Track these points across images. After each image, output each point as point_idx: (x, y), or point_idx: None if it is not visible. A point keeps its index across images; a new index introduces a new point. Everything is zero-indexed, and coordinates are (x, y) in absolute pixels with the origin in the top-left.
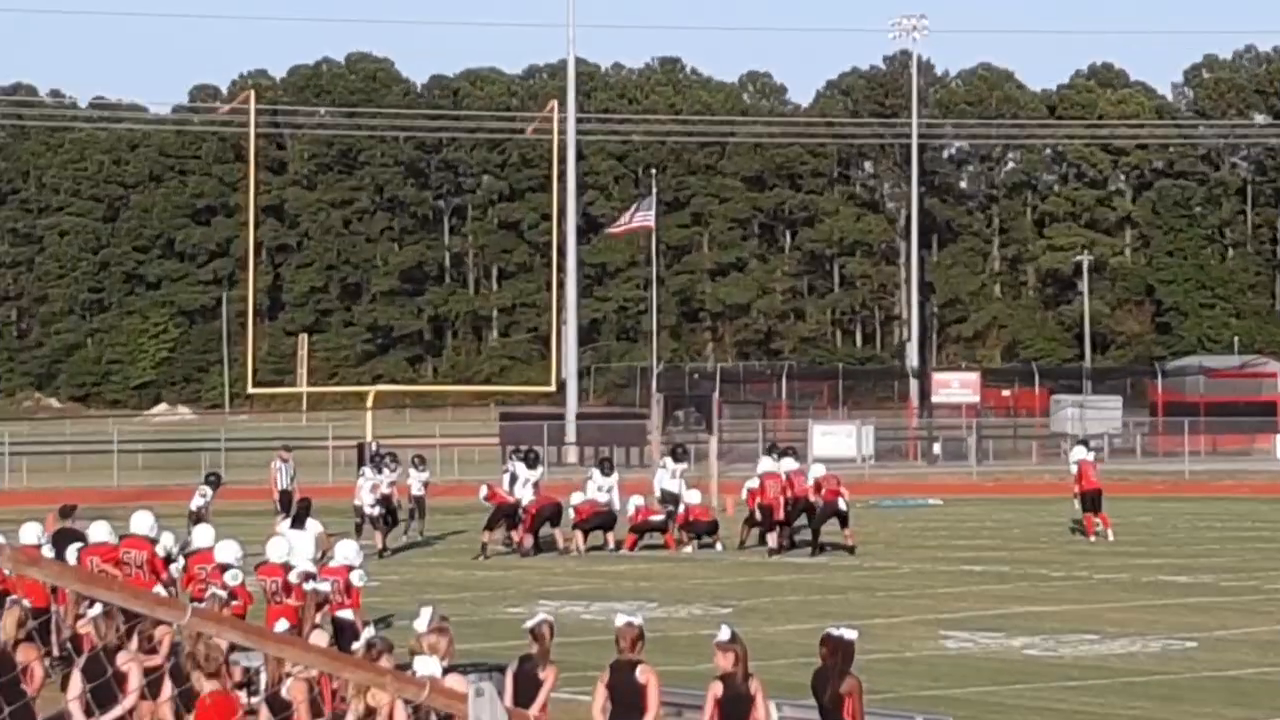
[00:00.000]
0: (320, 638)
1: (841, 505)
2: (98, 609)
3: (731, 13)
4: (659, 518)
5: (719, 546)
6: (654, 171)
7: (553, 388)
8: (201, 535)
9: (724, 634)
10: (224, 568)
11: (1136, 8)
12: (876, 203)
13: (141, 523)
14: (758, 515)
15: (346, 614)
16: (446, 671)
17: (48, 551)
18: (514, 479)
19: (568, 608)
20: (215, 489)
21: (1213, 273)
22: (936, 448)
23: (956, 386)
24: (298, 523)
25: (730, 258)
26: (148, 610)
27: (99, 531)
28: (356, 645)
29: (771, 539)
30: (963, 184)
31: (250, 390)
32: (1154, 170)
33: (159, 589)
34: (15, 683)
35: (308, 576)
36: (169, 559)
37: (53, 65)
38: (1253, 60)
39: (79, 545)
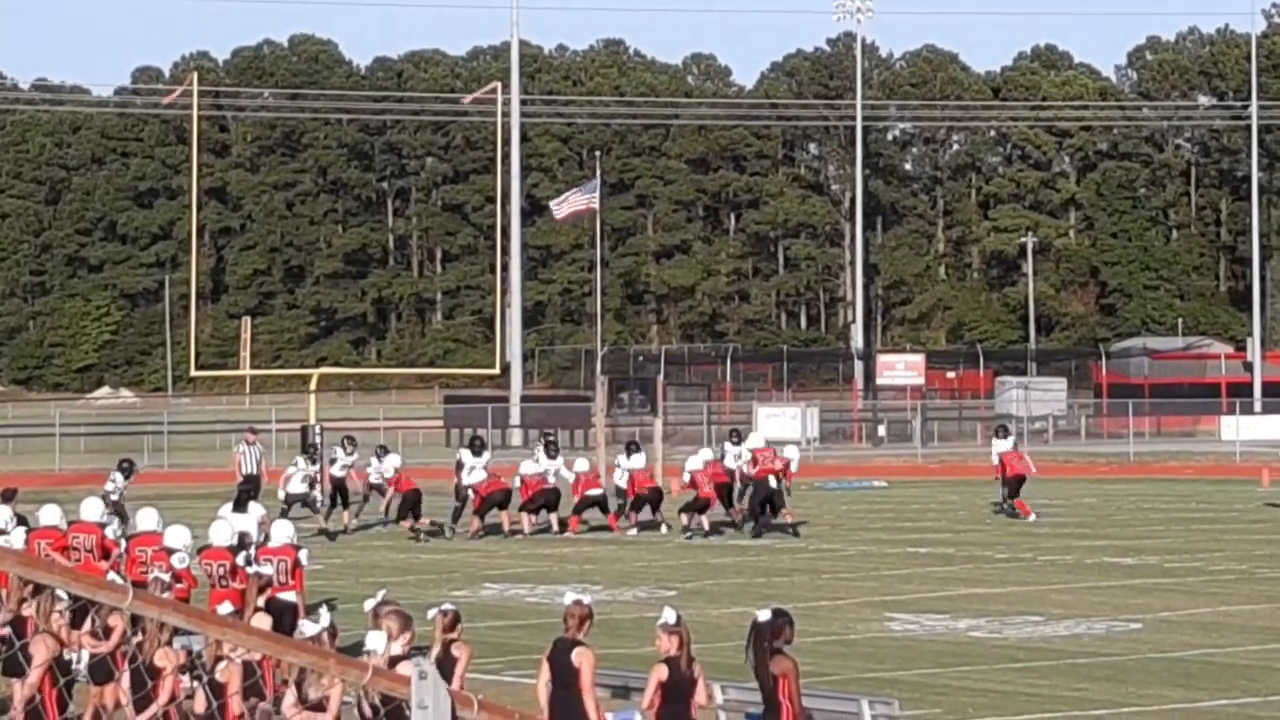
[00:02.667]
0: (263, 621)
1: (772, 483)
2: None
3: None
4: (597, 491)
5: (663, 528)
6: (598, 153)
7: (497, 370)
8: (144, 518)
9: (668, 617)
10: (170, 551)
11: None
12: (821, 185)
13: (91, 508)
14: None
15: (289, 595)
16: (397, 660)
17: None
18: (460, 466)
19: (512, 590)
20: (128, 476)
21: (1157, 254)
22: (881, 430)
23: (901, 369)
24: (240, 506)
25: (675, 240)
26: (89, 594)
27: (49, 515)
28: (304, 628)
29: (705, 519)
30: (907, 166)
31: (193, 373)
32: (1098, 152)
33: (113, 575)
34: None
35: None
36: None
37: None
38: (1196, 42)
39: (25, 528)
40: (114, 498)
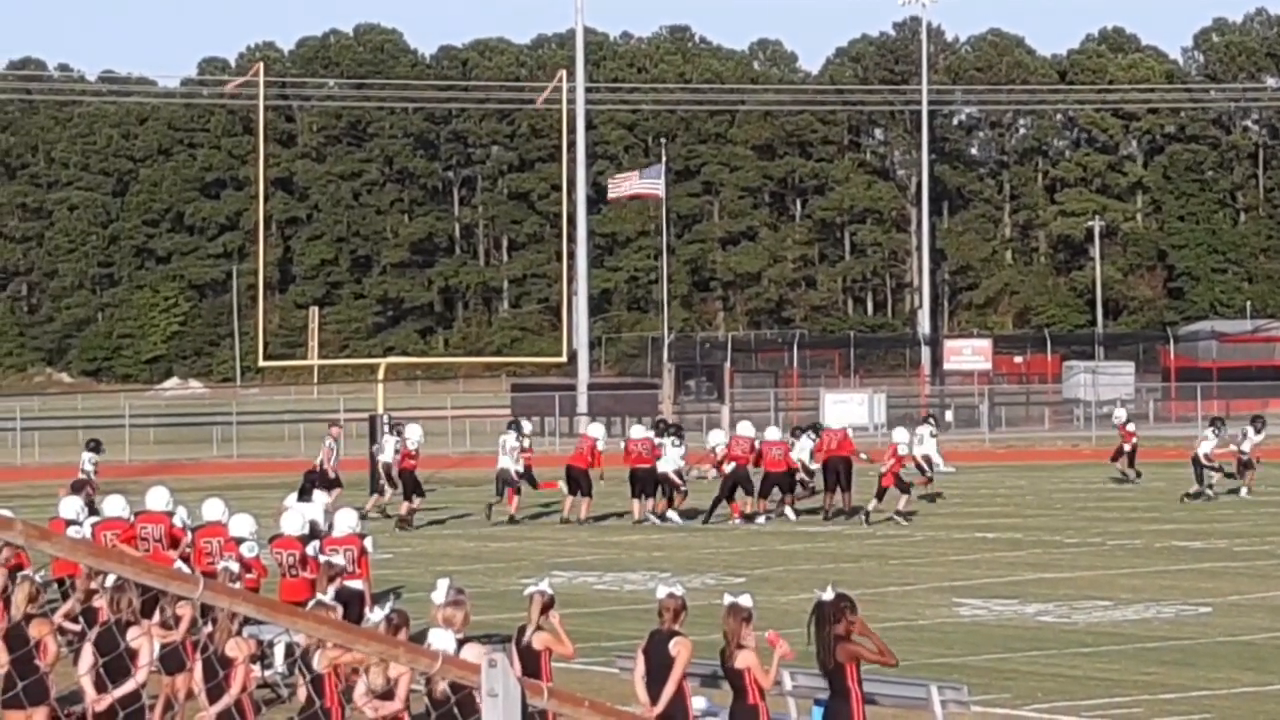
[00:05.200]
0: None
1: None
2: (110, 581)
3: None
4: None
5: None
6: (663, 140)
7: (564, 358)
8: (210, 509)
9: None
10: (239, 540)
11: None
12: (887, 170)
13: (157, 498)
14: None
15: (356, 584)
16: (461, 643)
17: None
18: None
19: (580, 578)
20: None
21: (1225, 237)
22: (949, 415)
23: (968, 353)
24: (304, 495)
25: (741, 226)
26: (159, 584)
27: (113, 506)
28: (371, 616)
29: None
30: (973, 150)
31: (261, 364)
32: (1165, 135)
33: (179, 564)
34: (29, 657)
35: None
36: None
37: (61, 39)
38: (1263, 23)
39: (93, 519)
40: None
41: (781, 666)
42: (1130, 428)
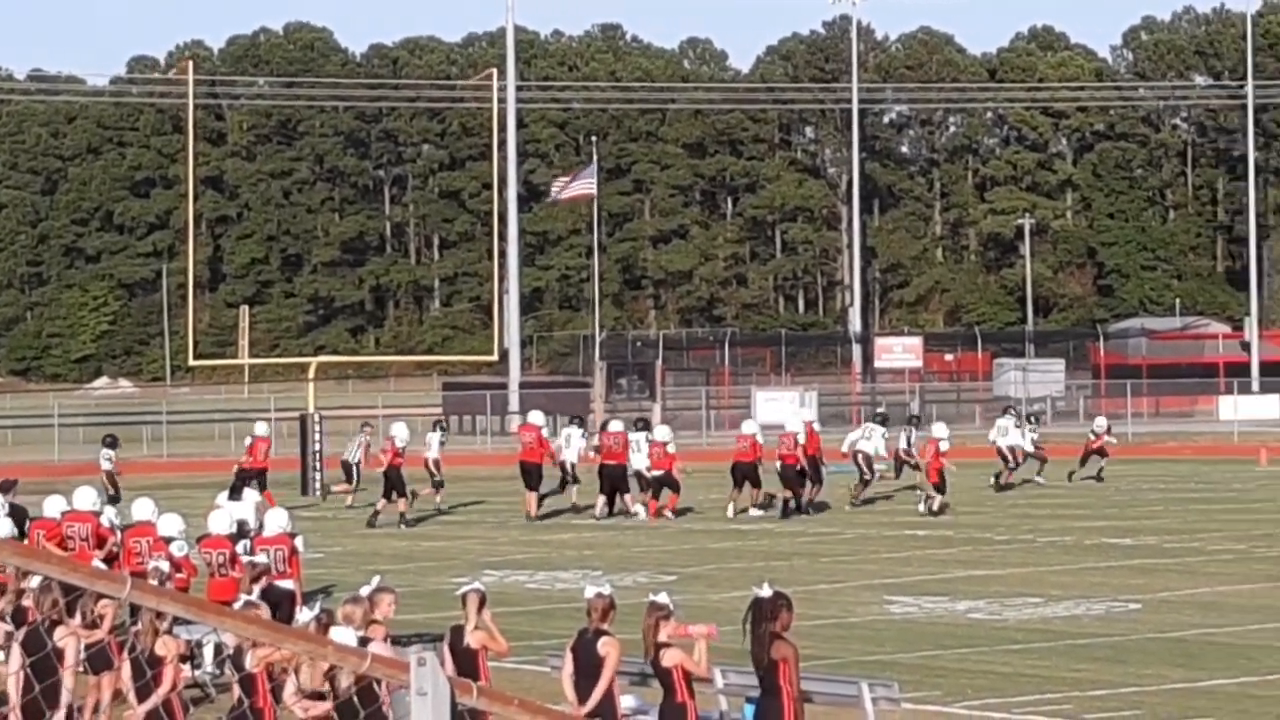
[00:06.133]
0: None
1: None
2: (34, 581)
3: None
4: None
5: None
6: (595, 139)
7: (495, 357)
8: (139, 509)
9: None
10: (168, 540)
11: None
12: (818, 168)
13: (85, 498)
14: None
15: (287, 584)
16: (364, 641)
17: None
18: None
19: (512, 577)
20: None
21: (1154, 234)
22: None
23: (899, 351)
24: (235, 494)
25: (672, 224)
26: (87, 584)
27: (51, 506)
28: (300, 616)
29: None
30: (904, 148)
31: (191, 363)
32: (1094, 133)
33: (96, 562)
34: None
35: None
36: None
37: None
38: (1192, 21)
39: (19, 518)
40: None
41: (715, 665)
42: (1108, 437)
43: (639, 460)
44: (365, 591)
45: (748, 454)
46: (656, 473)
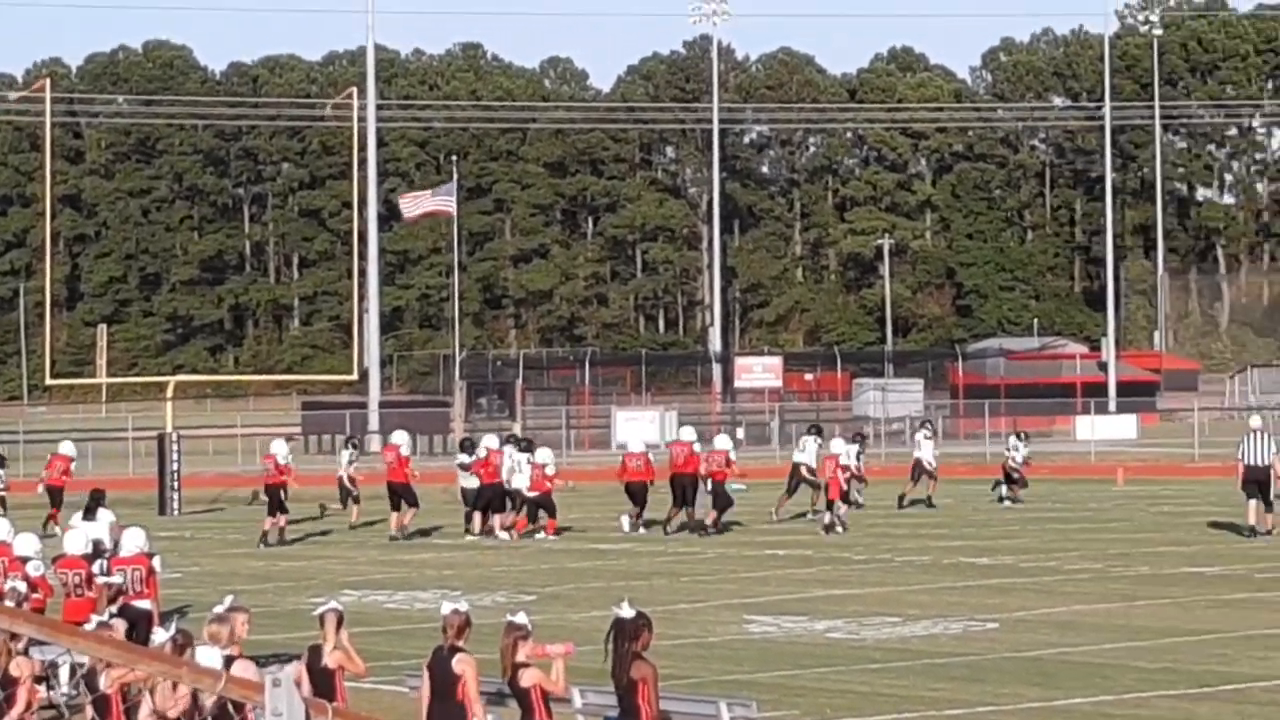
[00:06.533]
0: (115, 629)
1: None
2: None
3: None
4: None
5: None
6: (455, 158)
7: (355, 376)
8: None
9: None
10: (24, 560)
11: None
12: (678, 188)
13: None
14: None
15: (144, 604)
16: (230, 660)
17: None
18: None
19: (371, 597)
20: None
21: (1012, 255)
22: (740, 432)
23: (759, 371)
24: (89, 514)
25: (533, 244)
26: None
27: None
28: (156, 636)
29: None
30: (764, 168)
31: (49, 382)
32: (953, 153)
33: None
34: None
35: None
36: None
37: None
38: (1050, 43)
39: None
40: None
41: (573, 684)
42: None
43: (520, 481)
44: (218, 611)
45: (685, 465)
46: (534, 494)
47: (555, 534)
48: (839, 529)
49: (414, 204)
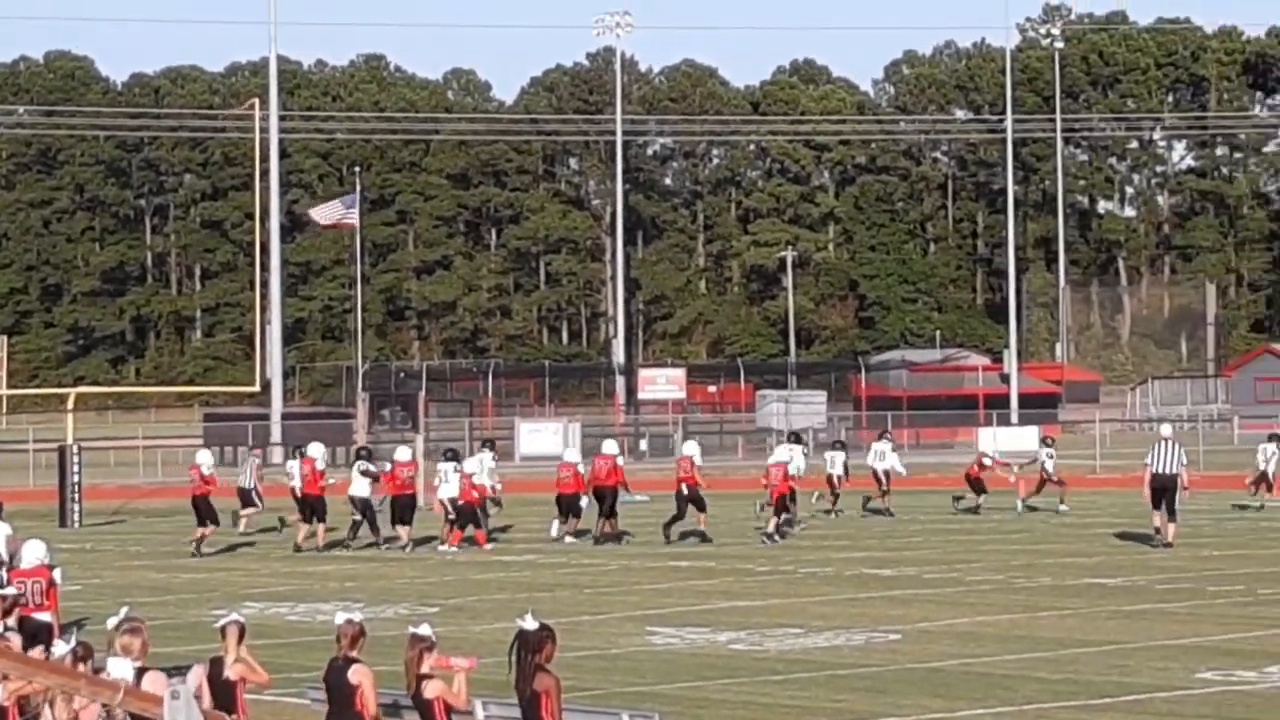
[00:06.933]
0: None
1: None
2: None
3: (435, 10)
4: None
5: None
6: (358, 169)
7: (257, 388)
8: None
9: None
10: None
11: (838, 4)
12: (582, 200)
13: None
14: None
15: (44, 616)
16: (141, 672)
17: None
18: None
19: (272, 609)
20: None
21: (915, 267)
22: (643, 444)
23: (663, 383)
24: None
25: (436, 255)
26: None
27: None
28: (55, 649)
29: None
30: (667, 180)
31: None
32: (856, 166)
33: None
34: None
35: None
36: None
37: None
38: (952, 56)
39: None
40: None
41: (475, 696)
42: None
43: (446, 490)
44: (112, 623)
45: (608, 478)
46: (462, 504)
47: (459, 545)
48: (779, 538)
49: (327, 213)
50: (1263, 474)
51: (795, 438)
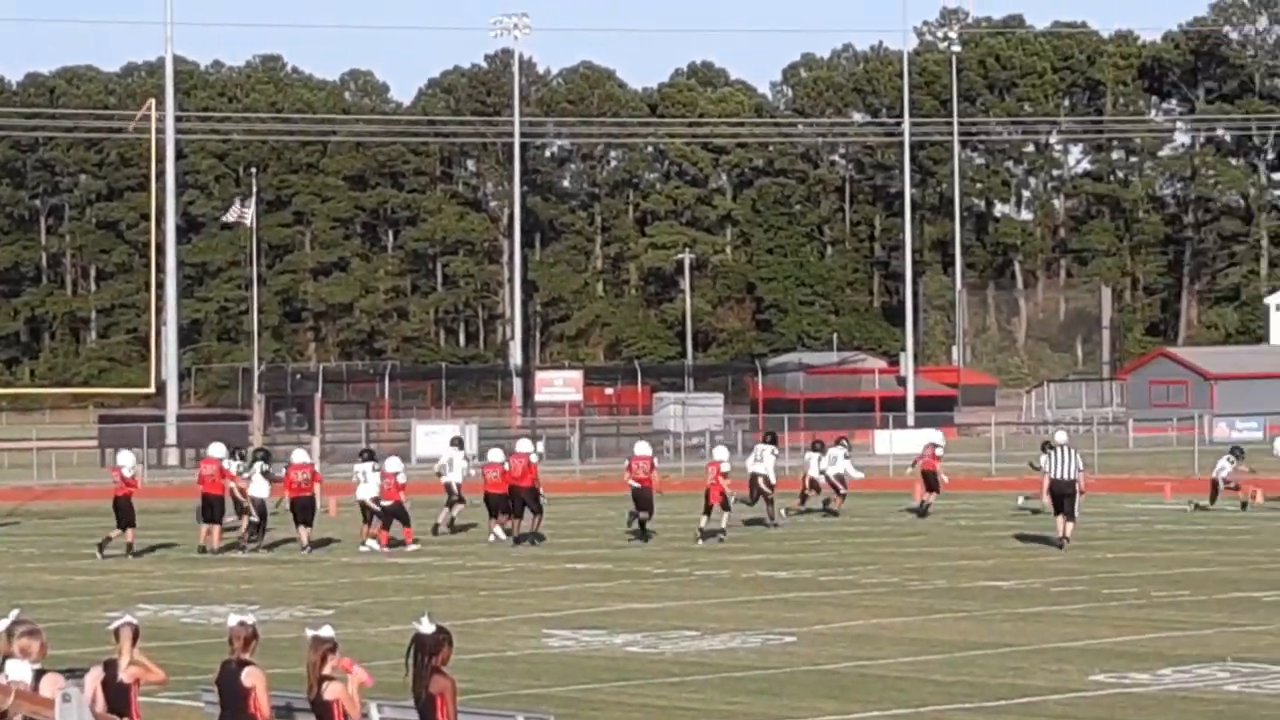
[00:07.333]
0: None
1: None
2: None
3: (332, 11)
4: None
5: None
6: (255, 170)
7: (152, 389)
8: None
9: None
10: None
11: (735, 7)
12: (479, 201)
13: None
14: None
15: None
16: (40, 674)
17: None
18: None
19: (167, 611)
20: None
21: (812, 270)
22: (540, 446)
23: (560, 385)
24: None
25: (332, 257)
26: None
27: None
28: None
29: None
30: (565, 182)
31: None
32: (754, 168)
33: None
34: None
35: None
36: None
37: None
38: (850, 59)
39: None
40: None
41: (370, 698)
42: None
43: (366, 491)
44: (1, 625)
45: (523, 478)
46: (387, 503)
47: (389, 546)
48: (719, 537)
49: (234, 211)
50: (1214, 482)
51: (771, 438)
